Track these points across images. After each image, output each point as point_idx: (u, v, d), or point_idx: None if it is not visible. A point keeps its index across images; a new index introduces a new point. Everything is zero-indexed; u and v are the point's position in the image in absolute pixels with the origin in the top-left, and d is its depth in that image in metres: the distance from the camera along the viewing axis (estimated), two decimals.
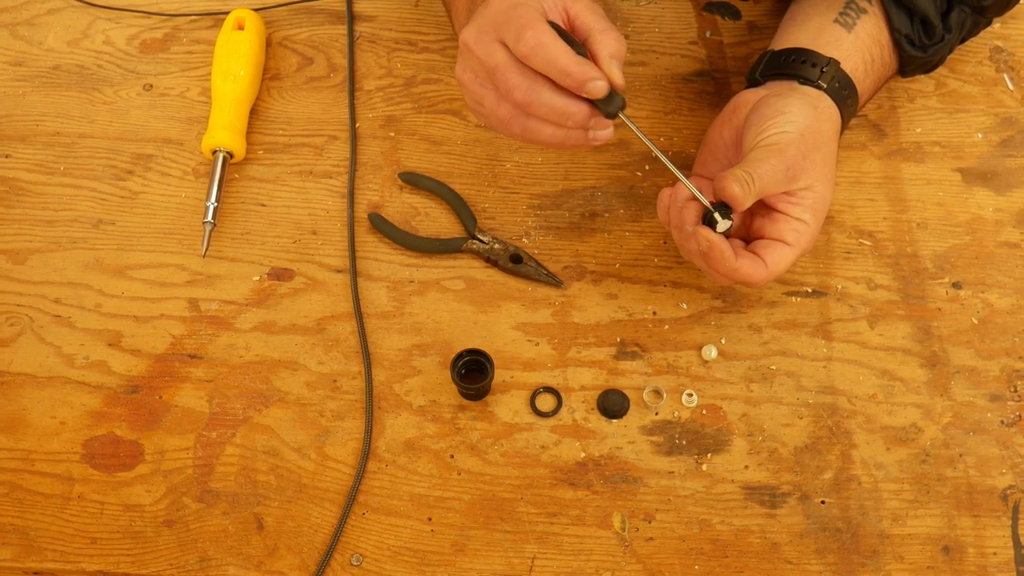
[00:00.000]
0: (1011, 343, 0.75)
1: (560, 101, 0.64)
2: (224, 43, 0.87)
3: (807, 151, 0.69)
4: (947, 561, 0.69)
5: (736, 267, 0.68)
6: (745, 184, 0.66)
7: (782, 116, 0.70)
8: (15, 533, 0.71)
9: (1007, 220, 0.80)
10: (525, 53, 0.63)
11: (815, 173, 0.70)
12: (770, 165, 0.68)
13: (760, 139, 0.70)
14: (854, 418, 0.73)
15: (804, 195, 0.70)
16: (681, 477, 0.72)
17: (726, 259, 0.68)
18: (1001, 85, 0.86)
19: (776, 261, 0.69)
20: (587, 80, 0.63)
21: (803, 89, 0.73)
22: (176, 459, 0.73)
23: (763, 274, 0.69)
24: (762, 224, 0.71)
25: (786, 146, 0.69)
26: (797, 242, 0.69)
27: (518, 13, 0.64)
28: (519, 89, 0.64)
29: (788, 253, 0.69)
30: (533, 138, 0.67)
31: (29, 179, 0.85)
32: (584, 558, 0.69)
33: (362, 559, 0.70)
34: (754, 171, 0.67)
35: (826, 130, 0.72)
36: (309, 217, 0.82)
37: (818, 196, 0.70)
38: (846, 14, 0.76)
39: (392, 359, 0.76)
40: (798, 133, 0.69)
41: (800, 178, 0.69)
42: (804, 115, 0.70)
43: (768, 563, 0.69)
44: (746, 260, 0.68)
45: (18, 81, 0.89)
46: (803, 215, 0.69)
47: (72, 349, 0.77)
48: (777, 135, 0.69)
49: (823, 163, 0.70)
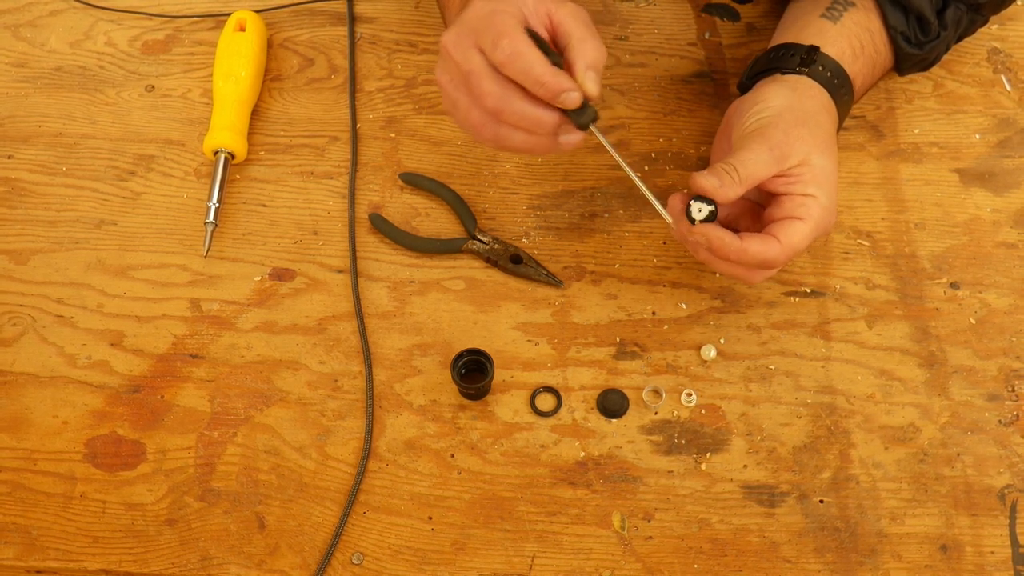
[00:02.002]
0: (1008, 343, 0.76)
1: (531, 110, 0.65)
2: (226, 44, 0.87)
3: (789, 128, 0.68)
4: (945, 560, 0.69)
5: (744, 248, 0.66)
6: (723, 174, 0.66)
7: (759, 104, 0.70)
8: (18, 532, 0.71)
9: (1004, 220, 0.80)
10: (501, 61, 0.63)
11: (805, 147, 0.68)
12: (751, 150, 0.67)
13: (742, 129, 0.70)
14: (852, 417, 0.73)
15: (801, 171, 0.68)
16: (680, 476, 0.72)
17: (727, 244, 0.66)
18: (999, 86, 0.86)
19: (790, 235, 0.67)
20: (561, 91, 0.63)
21: (783, 78, 0.73)
22: (178, 458, 0.73)
23: (777, 250, 0.67)
24: (770, 212, 0.70)
25: (765, 128, 0.68)
26: (808, 215, 0.67)
27: (496, 20, 0.64)
28: (491, 96, 0.65)
29: (800, 226, 0.67)
30: (504, 144, 0.67)
31: (31, 179, 0.85)
32: (584, 557, 0.70)
33: (363, 558, 0.70)
34: (735, 160, 0.67)
35: (809, 107, 0.71)
36: (310, 217, 0.83)
37: (817, 169, 0.68)
38: (833, 8, 0.76)
39: (393, 359, 0.77)
40: (776, 114, 0.69)
41: (789, 156, 0.68)
42: (781, 97, 0.70)
43: (767, 562, 0.69)
44: (753, 239, 0.67)
45: (21, 82, 0.90)
46: (807, 189, 0.68)
47: (74, 349, 0.78)
48: (756, 121, 0.69)
49: (811, 136, 0.69)
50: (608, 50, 0.88)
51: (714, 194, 0.66)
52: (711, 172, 0.67)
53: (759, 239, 0.67)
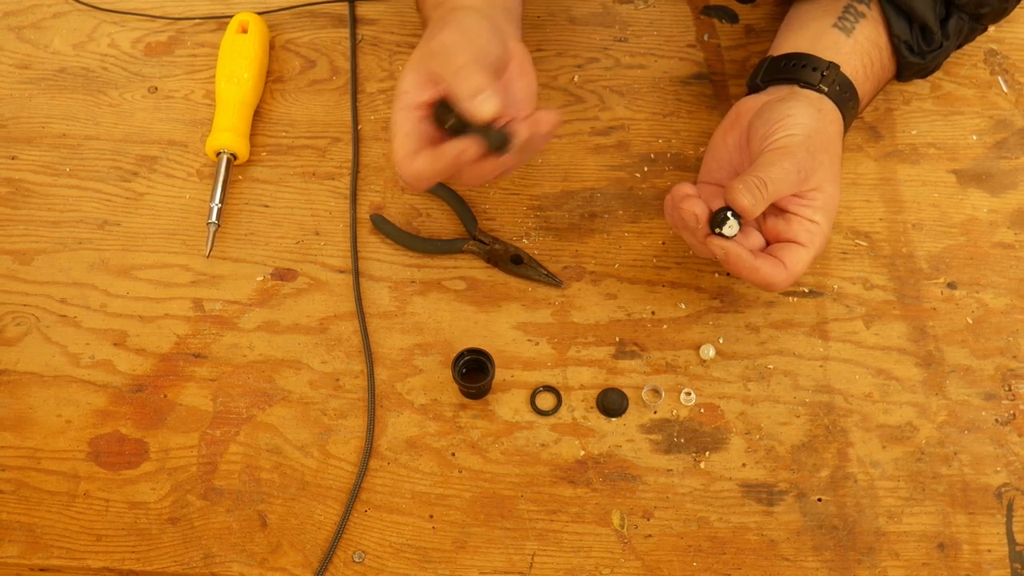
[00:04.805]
0: (1005, 342, 0.76)
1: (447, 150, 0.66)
2: (228, 46, 0.88)
3: (815, 152, 0.70)
4: (942, 558, 0.69)
5: (756, 267, 0.68)
6: (756, 190, 0.67)
7: (788, 119, 0.71)
8: (21, 530, 0.72)
9: (1001, 221, 0.81)
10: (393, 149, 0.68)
11: (824, 174, 0.70)
12: (781, 168, 0.68)
13: (768, 143, 0.70)
14: (850, 417, 0.74)
15: (814, 196, 0.70)
16: (679, 475, 0.72)
17: (744, 261, 0.68)
18: (995, 88, 0.87)
19: (794, 262, 0.69)
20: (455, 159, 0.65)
21: (804, 93, 0.73)
22: (180, 457, 0.74)
23: (783, 276, 0.69)
24: (775, 224, 0.71)
25: (795, 148, 0.69)
26: (811, 243, 0.69)
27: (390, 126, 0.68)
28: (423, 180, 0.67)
29: (804, 254, 0.69)
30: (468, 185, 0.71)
31: (35, 180, 0.86)
32: (584, 555, 0.70)
33: (364, 556, 0.71)
34: (766, 175, 0.67)
35: (831, 132, 0.72)
36: (312, 218, 0.83)
37: (827, 196, 0.70)
38: (844, 18, 0.76)
39: (394, 358, 0.77)
40: (805, 135, 0.70)
41: (810, 179, 0.69)
42: (809, 117, 0.71)
43: (765, 560, 0.70)
44: (766, 262, 0.69)
45: (24, 83, 0.90)
46: (815, 216, 0.70)
47: (78, 348, 0.78)
48: (785, 138, 0.70)
49: (830, 164, 0.71)
50: (608, 52, 0.90)
51: (747, 214, 0.67)
52: (747, 189, 0.67)
53: (770, 263, 0.69)
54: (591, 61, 0.89)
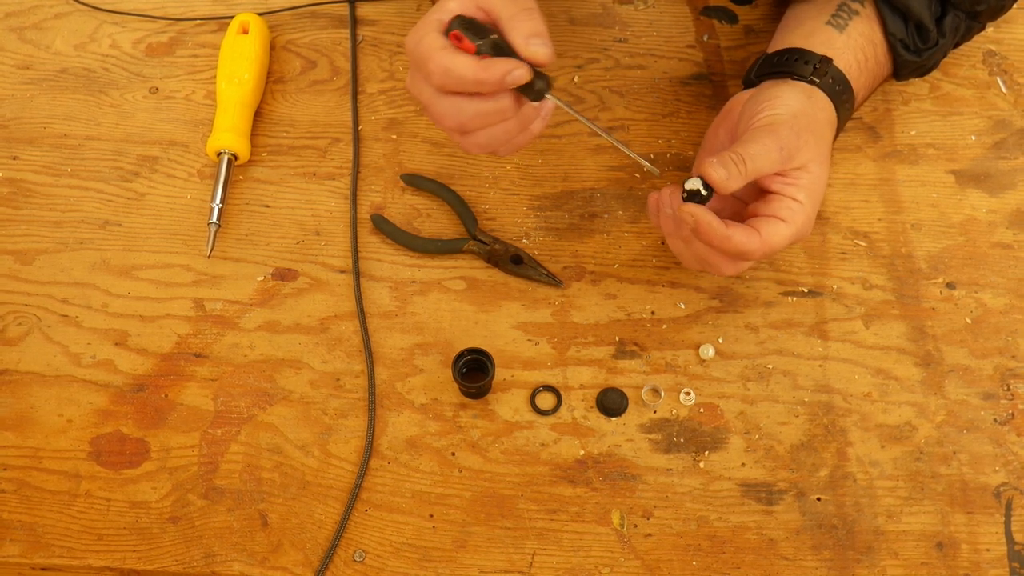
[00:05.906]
0: (1004, 342, 0.76)
1: (486, 106, 0.66)
2: (229, 47, 0.88)
3: (800, 131, 0.69)
4: (941, 557, 0.70)
5: (728, 235, 0.66)
6: (731, 164, 0.66)
7: (775, 100, 0.71)
8: (23, 529, 0.72)
9: (1000, 221, 0.81)
10: (438, 84, 0.66)
11: (809, 153, 0.69)
12: (761, 144, 0.67)
13: (752, 122, 0.70)
14: (849, 416, 0.74)
15: (799, 175, 0.69)
16: (679, 474, 0.73)
17: (715, 229, 0.66)
18: (994, 88, 0.87)
19: (770, 233, 0.68)
20: (498, 79, 0.64)
21: (795, 83, 0.73)
22: (181, 457, 0.74)
23: (757, 244, 0.67)
24: (756, 207, 0.70)
25: (779, 126, 0.68)
26: (792, 219, 0.68)
27: (421, 48, 0.66)
28: (447, 117, 0.67)
29: (783, 228, 0.68)
30: (481, 150, 0.69)
31: (37, 180, 0.86)
32: (583, 554, 0.70)
33: (365, 555, 0.71)
34: (744, 151, 0.67)
35: (820, 117, 0.72)
36: (312, 218, 0.83)
37: (813, 177, 0.69)
38: (838, 16, 0.77)
39: (394, 358, 0.77)
40: (791, 115, 0.69)
41: (795, 157, 0.68)
42: (797, 100, 0.71)
43: (764, 559, 0.70)
44: (738, 229, 0.67)
45: (26, 84, 0.91)
46: (797, 195, 0.69)
47: (79, 348, 0.78)
48: (770, 116, 0.70)
49: (817, 145, 0.70)
50: (607, 52, 0.90)
51: (720, 186, 0.66)
52: (720, 163, 0.66)
53: (743, 230, 0.67)
54: (591, 62, 0.90)
